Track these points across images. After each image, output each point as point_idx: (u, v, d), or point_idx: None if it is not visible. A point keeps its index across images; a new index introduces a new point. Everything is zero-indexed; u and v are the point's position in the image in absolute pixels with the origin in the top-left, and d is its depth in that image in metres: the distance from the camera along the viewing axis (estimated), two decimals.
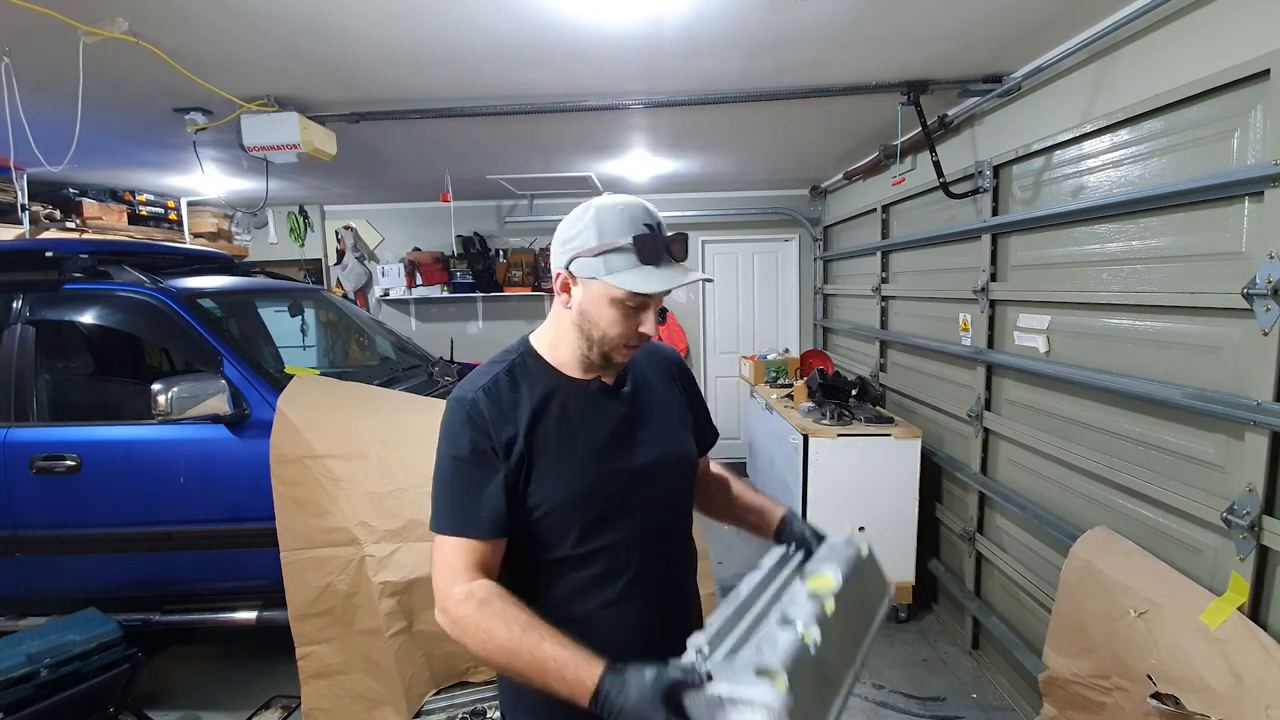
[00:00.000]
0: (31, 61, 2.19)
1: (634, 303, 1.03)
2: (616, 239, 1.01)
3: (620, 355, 1.09)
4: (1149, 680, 1.64)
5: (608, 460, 1.10)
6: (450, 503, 1.04)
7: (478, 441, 1.03)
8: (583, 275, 1.04)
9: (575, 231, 1.04)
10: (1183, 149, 1.83)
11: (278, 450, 2.30)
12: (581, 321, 1.07)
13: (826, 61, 2.46)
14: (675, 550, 1.21)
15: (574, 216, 1.06)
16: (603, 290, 1.03)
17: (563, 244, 1.06)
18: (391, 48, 2.23)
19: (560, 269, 1.06)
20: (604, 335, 1.06)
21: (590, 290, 1.05)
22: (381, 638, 2.26)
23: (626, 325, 1.05)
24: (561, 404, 1.09)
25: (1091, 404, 2.20)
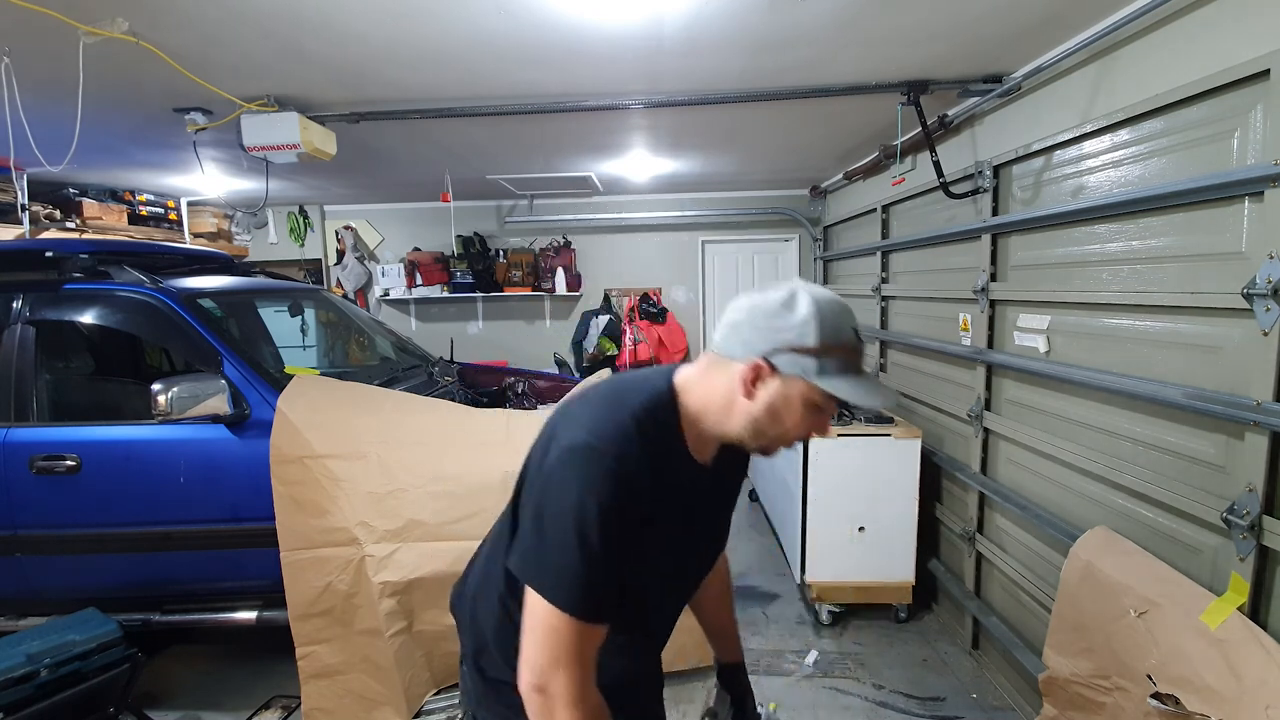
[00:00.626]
0: (31, 61, 2.19)
1: (825, 405, 0.97)
2: (833, 342, 0.94)
3: (777, 452, 1.03)
4: (1149, 680, 1.64)
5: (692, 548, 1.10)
6: (588, 578, 0.90)
7: (627, 510, 0.92)
8: (787, 372, 0.94)
9: (788, 323, 0.93)
10: (1183, 149, 1.83)
11: (278, 450, 2.30)
12: (763, 415, 0.97)
13: (826, 61, 2.46)
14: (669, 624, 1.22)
15: (780, 302, 0.95)
16: (805, 391, 0.95)
17: (762, 329, 0.95)
18: (392, 47, 2.23)
19: (757, 357, 0.94)
20: (783, 433, 0.99)
21: (789, 388, 0.95)
22: (381, 638, 2.26)
23: (808, 427, 0.99)
24: (678, 482, 1.02)
25: (1091, 404, 2.20)
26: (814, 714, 2.58)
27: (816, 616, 3.24)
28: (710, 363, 1.01)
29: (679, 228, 5.95)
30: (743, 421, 0.98)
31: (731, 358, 0.97)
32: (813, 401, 0.96)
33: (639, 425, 0.96)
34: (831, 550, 3.20)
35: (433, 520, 2.28)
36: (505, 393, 3.64)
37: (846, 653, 3.00)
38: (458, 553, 2.27)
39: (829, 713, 2.59)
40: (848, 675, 2.82)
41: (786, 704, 2.63)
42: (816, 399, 0.95)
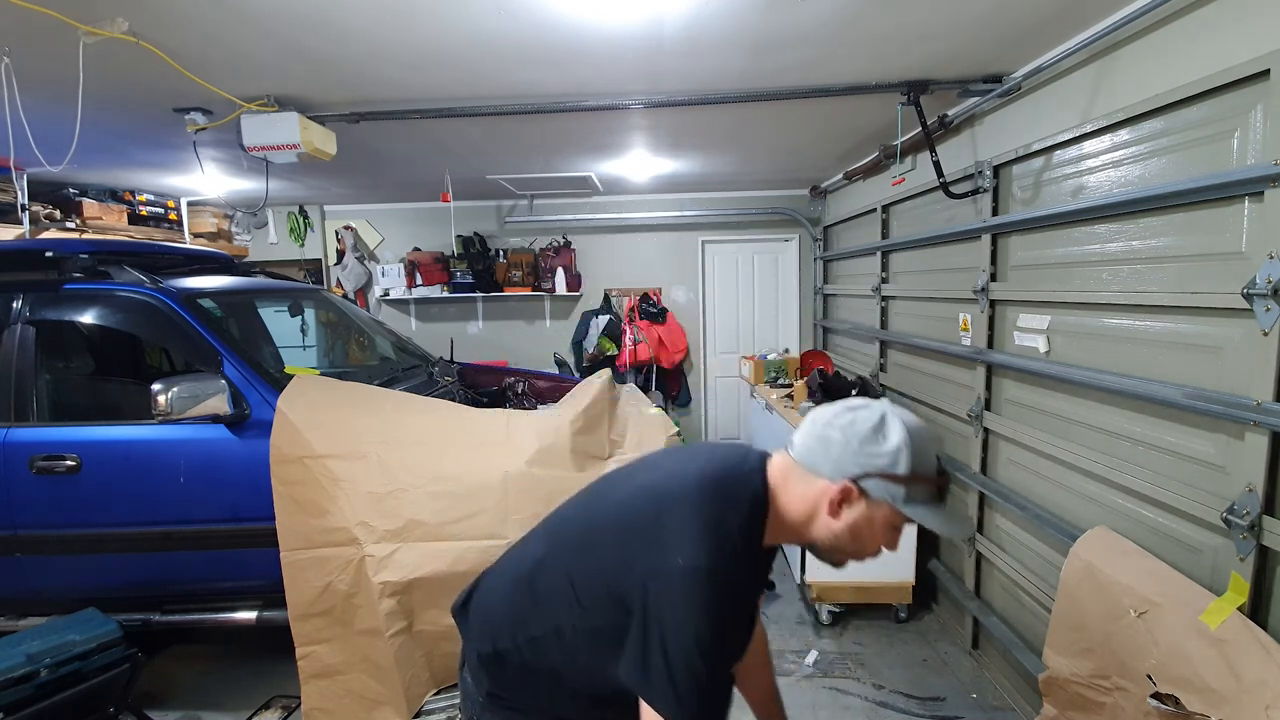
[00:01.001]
0: (31, 61, 2.19)
1: (903, 525, 1.03)
2: (923, 472, 0.99)
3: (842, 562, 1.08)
4: (1149, 680, 1.64)
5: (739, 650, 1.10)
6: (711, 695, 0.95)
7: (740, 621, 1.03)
8: (876, 496, 0.99)
9: (881, 450, 0.97)
10: (1182, 149, 1.83)
11: (278, 450, 2.30)
12: (845, 533, 1.02)
13: (826, 61, 2.46)
14: None
15: (873, 427, 0.99)
16: (889, 515, 1.00)
17: (855, 453, 0.98)
18: (391, 47, 2.23)
19: (847, 480, 0.99)
20: (859, 550, 1.04)
21: (876, 511, 1.00)
22: (381, 638, 2.26)
23: (884, 545, 1.04)
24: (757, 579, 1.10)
25: (1091, 404, 2.20)
26: (814, 714, 2.58)
27: (816, 616, 3.25)
28: (792, 470, 1.05)
29: (679, 228, 5.94)
30: (823, 536, 1.03)
31: (818, 474, 1.01)
32: (895, 525, 1.02)
33: (745, 538, 1.01)
34: None
35: (433, 520, 2.28)
36: (505, 393, 3.64)
37: (846, 653, 3.00)
38: (458, 553, 2.27)
39: (829, 713, 2.59)
40: (848, 675, 2.83)
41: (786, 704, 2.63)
42: (899, 523, 1.01)
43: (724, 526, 0.99)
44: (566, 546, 1.13)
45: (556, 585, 1.09)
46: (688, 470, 1.06)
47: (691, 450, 1.18)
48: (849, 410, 1.02)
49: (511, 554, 1.26)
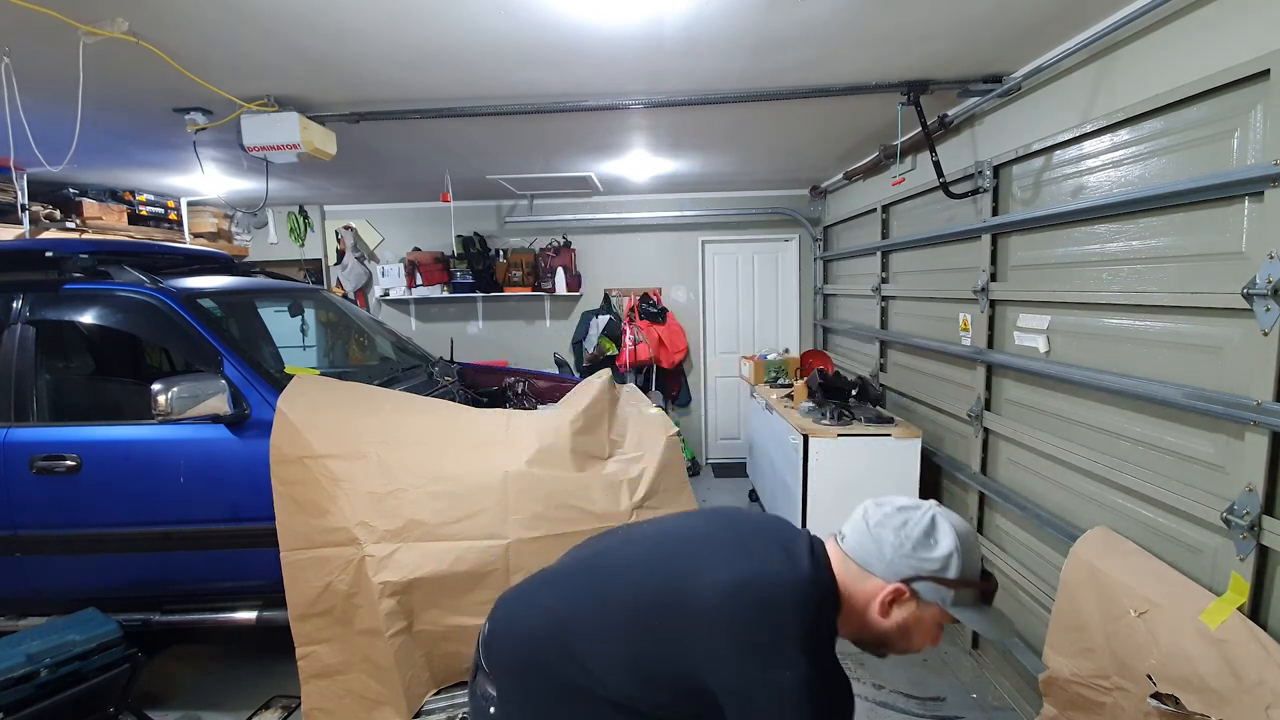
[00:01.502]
0: (31, 61, 2.19)
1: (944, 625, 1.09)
2: (971, 576, 1.05)
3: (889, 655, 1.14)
4: (1149, 680, 1.64)
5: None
6: None
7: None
8: (927, 599, 1.05)
9: (932, 555, 1.04)
10: (1182, 149, 1.83)
11: (278, 450, 2.30)
12: (895, 632, 1.08)
13: (826, 61, 2.46)
14: None
15: (924, 531, 1.05)
16: (938, 615, 1.07)
17: (908, 557, 1.05)
18: (391, 47, 2.23)
19: (899, 582, 1.05)
20: (907, 646, 1.10)
21: (925, 611, 1.07)
22: (381, 638, 2.26)
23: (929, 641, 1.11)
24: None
25: (1091, 404, 2.20)
26: None
27: None
28: (848, 566, 1.09)
29: (679, 228, 5.95)
30: (873, 633, 1.09)
31: (870, 572, 1.07)
32: (940, 623, 1.08)
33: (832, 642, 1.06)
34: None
35: (433, 520, 2.28)
36: (505, 393, 3.64)
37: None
38: (458, 553, 2.27)
39: None
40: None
41: None
42: (944, 621, 1.07)
43: (820, 633, 1.03)
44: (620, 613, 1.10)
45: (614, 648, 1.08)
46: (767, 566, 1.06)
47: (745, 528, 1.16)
48: (900, 511, 1.07)
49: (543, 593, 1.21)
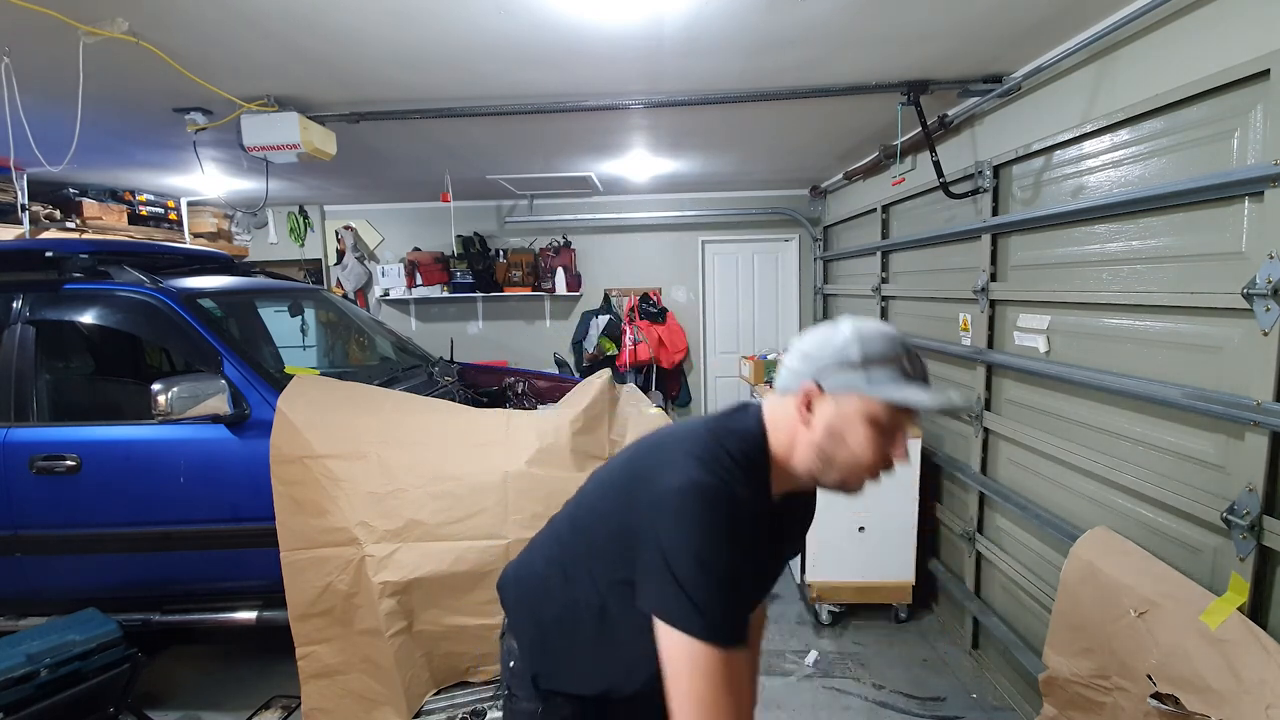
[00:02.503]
0: (31, 61, 2.19)
1: (890, 422, 0.96)
2: (877, 354, 0.95)
3: (857, 486, 1.01)
4: (1149, 680, 1.64)
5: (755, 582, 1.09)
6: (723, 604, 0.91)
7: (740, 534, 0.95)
8: (835, 389, 0.96)
9: (831, 346, 0.98)
10: (1183, 149, 1.83)
11: (278, 450, 2.30)
12: (826, 442, 0.98)
13: (826, 61, 2.46)
14: None
15: (824, 332, 1.01)
16: (860, 406, 0.96)
17: (810, 357, 0.99)
18: (391, 47, 2.23)
19: (806, 379, 0.99)
20: (852, 459, 0.98)
21: (844, 407, 0.97)
22: (381, 638, 2.26)
23: (878, 449, 0.97)
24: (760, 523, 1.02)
25: (1091, 404, 2.20)
26: (814, 714, 2.58)
27: (816, 616, 3.25)
28: (774, 404, 1.05)
29: (679, 228, 5.95)
30: (810, 453, 1.00)
31: (787, 392, 1.01)
32: (874, 417, 0.95)
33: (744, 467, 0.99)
34: (831, 550, 3.20)
35: (433, 520, 2.28)
36: (505, 393, 3.64)
37: (846, 653, 3.00)
38: (458, 553, 2.27)
39: (829, 713, 2.59)
40: (848, 675, 2.82)
41: (786, 704, 2.63)
42: (877, 413, 0.95)
43: (718, 449, 0.98)
44: (584, 506, 1.15)
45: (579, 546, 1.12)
46: (692, 420, 1.11)
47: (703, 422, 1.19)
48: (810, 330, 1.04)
49: (544, 530, 1.27)
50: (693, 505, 0.92)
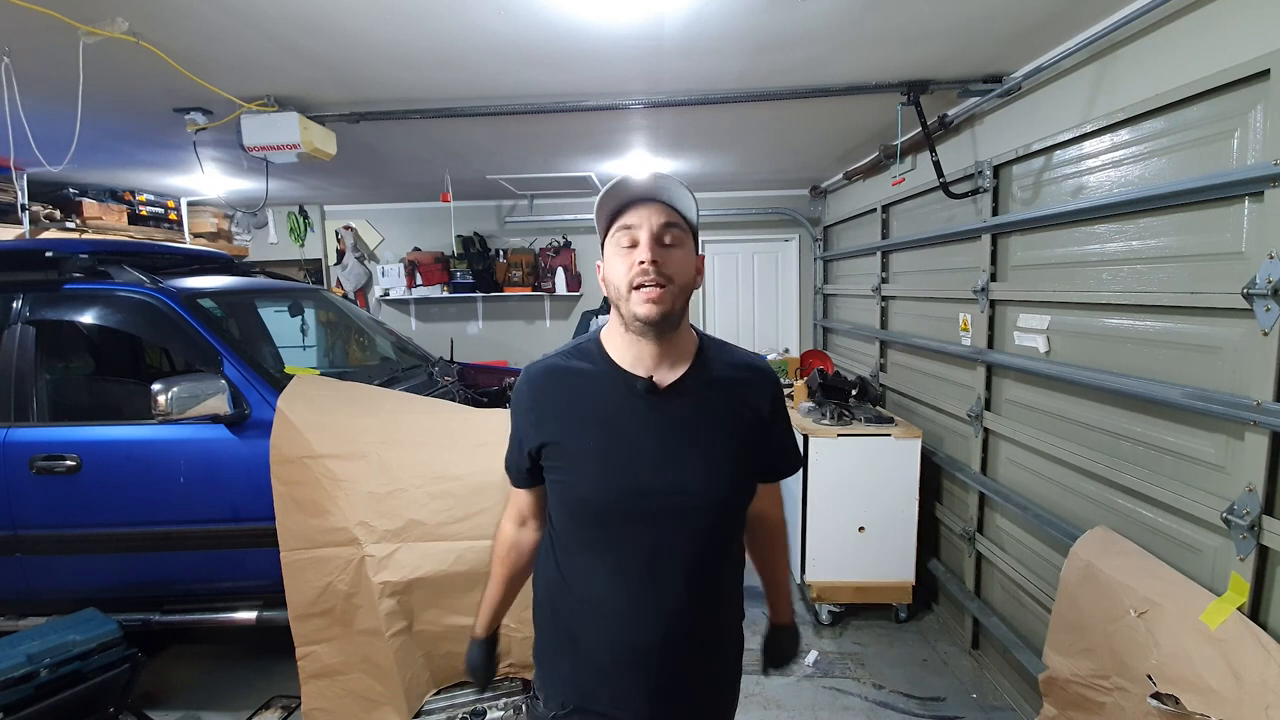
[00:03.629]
0: (31, 61, 2.19)
1: (626, 240, 1.07)
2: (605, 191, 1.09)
3: (640, 305, 1.04)
4: (1149, 680, 1.64)
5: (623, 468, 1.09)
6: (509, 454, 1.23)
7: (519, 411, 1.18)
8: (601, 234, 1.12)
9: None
10: (1183, 149, 1.83)
11: (278, 450, 2.30)
12: (607, 287, 1.11)
13: (826, 61, 2.46)
14: (690, 578, 1.12)
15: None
16: (607, 246, 1.10)
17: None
18: (392, 47, 2.23)
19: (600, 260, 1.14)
20: (616, 287, 1.07)
21: (604, 254, 1.11)
22: (381, 638, 2.26)
23: (625, 263, 1.06)
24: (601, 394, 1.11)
25: (1091, 404, 2.20)
26: (814, 714, 2.58)
27: (816, 616, 3.25)
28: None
29: None
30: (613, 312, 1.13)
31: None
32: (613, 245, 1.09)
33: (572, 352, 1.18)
34: (831, 550, 3.20)
35: (433, 520, 2.28)
36: (505, 393, 3.64)
37: (846, 653, 3.00)
38: (458, 553, 2.27)
39: (829, 713, 2.59)
40: (848, 675, 2.82)
41: (786, 704, 2.63)
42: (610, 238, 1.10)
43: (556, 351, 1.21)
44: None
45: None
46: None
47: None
48: None
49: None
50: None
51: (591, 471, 1.10)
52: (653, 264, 1.03)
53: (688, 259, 1.10)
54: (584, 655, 1.15)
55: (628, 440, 1.09)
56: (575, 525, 1.15)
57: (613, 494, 1.09)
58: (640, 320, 1.05)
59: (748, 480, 1.18)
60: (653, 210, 1.07)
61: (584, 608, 1.15)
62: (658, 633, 1.11)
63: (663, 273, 1.04)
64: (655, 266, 1.04)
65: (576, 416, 1.11)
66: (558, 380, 1.14)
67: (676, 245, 1.08)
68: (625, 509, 1.09)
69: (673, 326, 1.09)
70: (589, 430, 1.10)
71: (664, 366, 1.11)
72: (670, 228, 1.07)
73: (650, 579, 1.10)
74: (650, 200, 1.07)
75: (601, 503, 1.10)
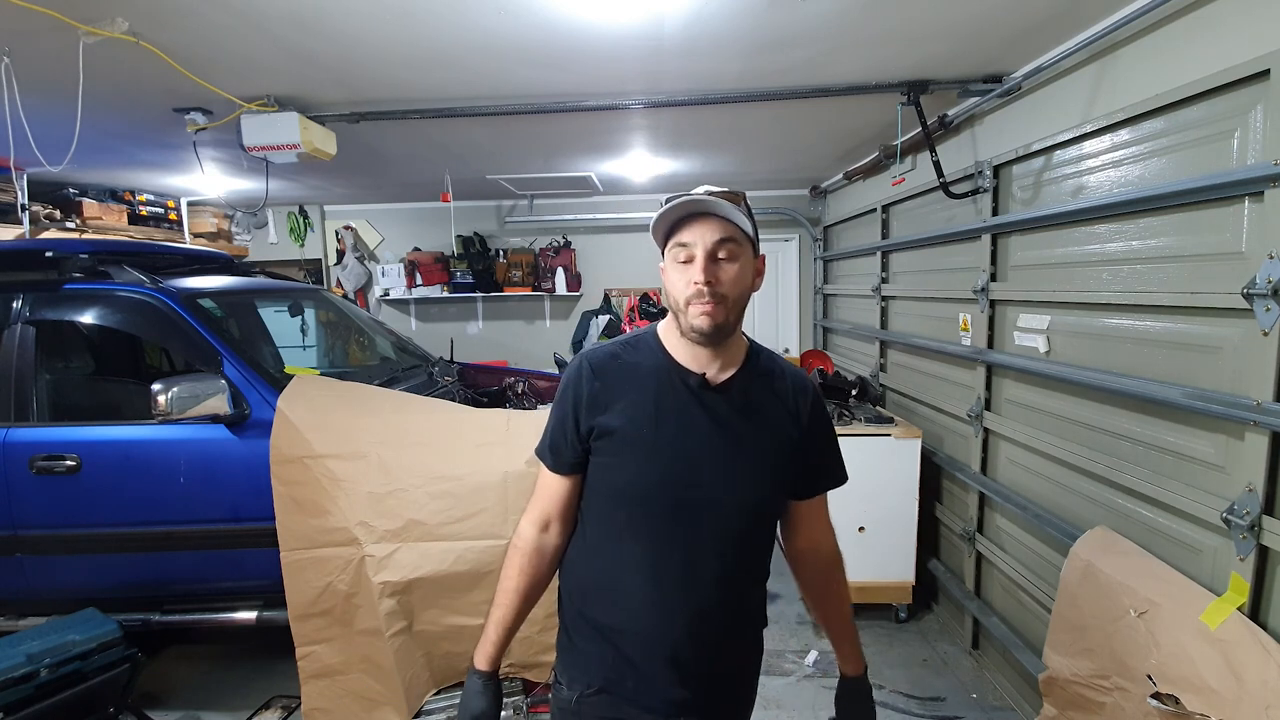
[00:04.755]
0: (31, 61, 2.19)
1: (682, 256, 1.10)
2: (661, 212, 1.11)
3: (696, 317, 1.09)
4: (1149, 680, 1.64)
5: (674, 460, 1.13)
6: (544, 437, 1.23)
7: (574, 392, 1.18)
8: (660, 246, 1.16)
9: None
10: (1183, 149, 1.83)
11: (278, 450, 2.30)
12: (665, 297, 1.15)
13: (826, 61, 2.46)
14: (723, 575, 1.16)
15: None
16: (666, 258, 1.14)
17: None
18: (392, 47, 2.23)
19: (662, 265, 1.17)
20: (674, 299, 1.12)
21: (665, 264, 1.15)
22: (381, 638, 2.26)
23: (682, 278, 1.10)
24: (659, 385, 1.15)
25: (1091, 404, 2.20)
26: (814, 714, 2.58)
27: None
28: None
29: None
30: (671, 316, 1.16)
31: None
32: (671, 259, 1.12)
33: (629, 343, 1.22)
34: None
35: (433, 520, 2.28)
36: (505, 393, 3.64)
37: None
38: (458, 553, 2.27)
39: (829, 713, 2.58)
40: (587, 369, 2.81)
41: (786, 704, 2.63)
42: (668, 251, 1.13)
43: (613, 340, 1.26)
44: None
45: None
46: None
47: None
48: None
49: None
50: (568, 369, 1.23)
51: (642, 459, 1.13)
52: (707, 284, 1.07)
53: (744, 271, 1.12)
54: (612, 643, 1.17)
55: (680, 434, 1.13)
56: (615, 512, 1.17)
57: (660, 484, 1.12)
58: (696, 330, 1.10)
59: (785, 486, 1.22)
60: (708, 227, 1.09)
61: (615, 597, 1.17)
62: (688, 626, 1.14)
63: (716, 291, 1.08)
64: (710, 287, 1.08)
65: (635, 403, 1.14)
66: (619, 367, 1.18)
67: (731, 259, 1.10)
68: (670, 500, 1.13)
69: (726, 335, 1.13)
70: (645, 419, 1.13)
71: (715, 366, 1.16)
72: (725, 243, 1.09)
73: (685, 572, 1.14)
74: (706, 215, 1.09)
75: (648, 491, 1.13)
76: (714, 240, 1.08)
